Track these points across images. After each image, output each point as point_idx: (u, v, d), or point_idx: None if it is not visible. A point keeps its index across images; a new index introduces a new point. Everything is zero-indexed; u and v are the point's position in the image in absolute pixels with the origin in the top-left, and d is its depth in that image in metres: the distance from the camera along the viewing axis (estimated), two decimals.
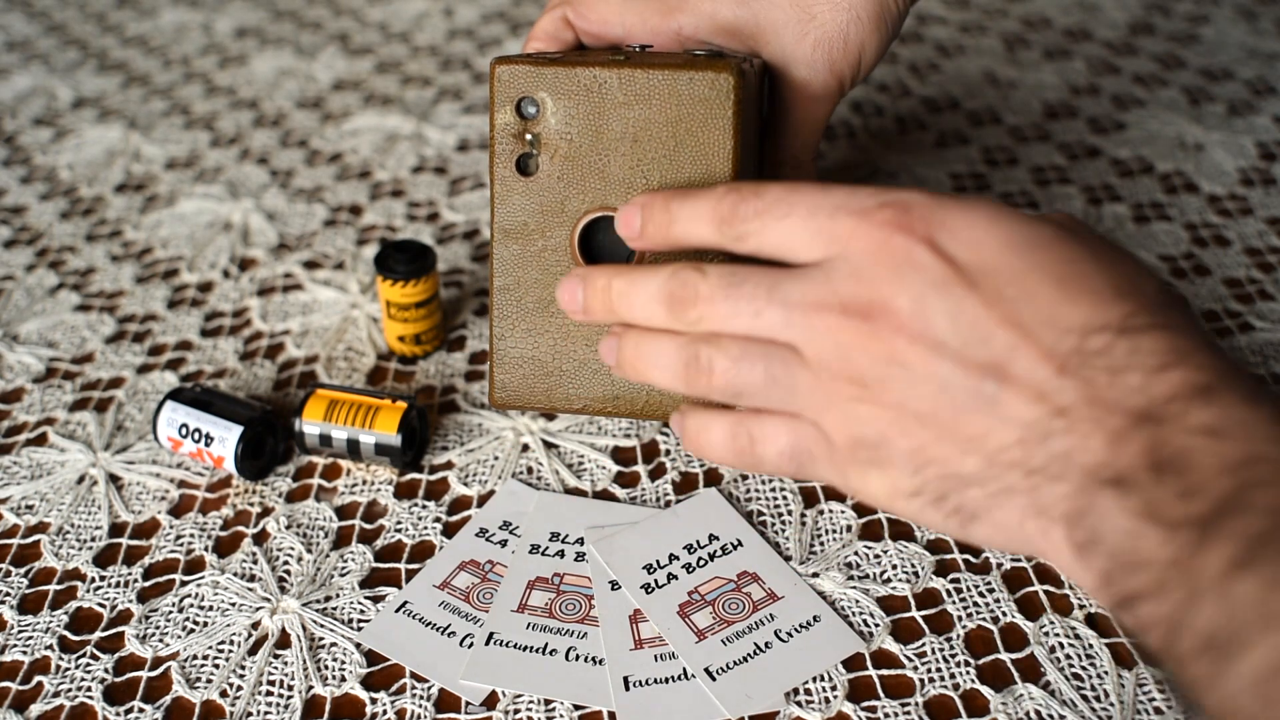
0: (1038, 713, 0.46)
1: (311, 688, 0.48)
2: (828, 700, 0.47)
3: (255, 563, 0.54)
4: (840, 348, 0.39)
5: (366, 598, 0.52)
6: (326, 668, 0.49)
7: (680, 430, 0.45)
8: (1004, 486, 0.38)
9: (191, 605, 0.52)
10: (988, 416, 0.38)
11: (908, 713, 0.46)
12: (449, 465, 0.58)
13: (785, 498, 0.55)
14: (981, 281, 0.38)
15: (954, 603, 0.50)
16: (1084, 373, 0.37)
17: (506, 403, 0.53)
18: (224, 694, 0.48)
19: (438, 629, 0.50)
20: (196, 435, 0.57)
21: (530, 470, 0.58)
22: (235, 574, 0.53)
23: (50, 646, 0.51)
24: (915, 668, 0.48)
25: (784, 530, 0.54)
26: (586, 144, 0.50)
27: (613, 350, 0.45)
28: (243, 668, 0.49)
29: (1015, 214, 0.39)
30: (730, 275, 0.42)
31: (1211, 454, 0.34)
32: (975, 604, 0.50)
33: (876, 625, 0.49)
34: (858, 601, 0.50)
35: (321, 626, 0.51)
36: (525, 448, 0.59)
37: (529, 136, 0.50)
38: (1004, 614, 0.50)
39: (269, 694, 0.48)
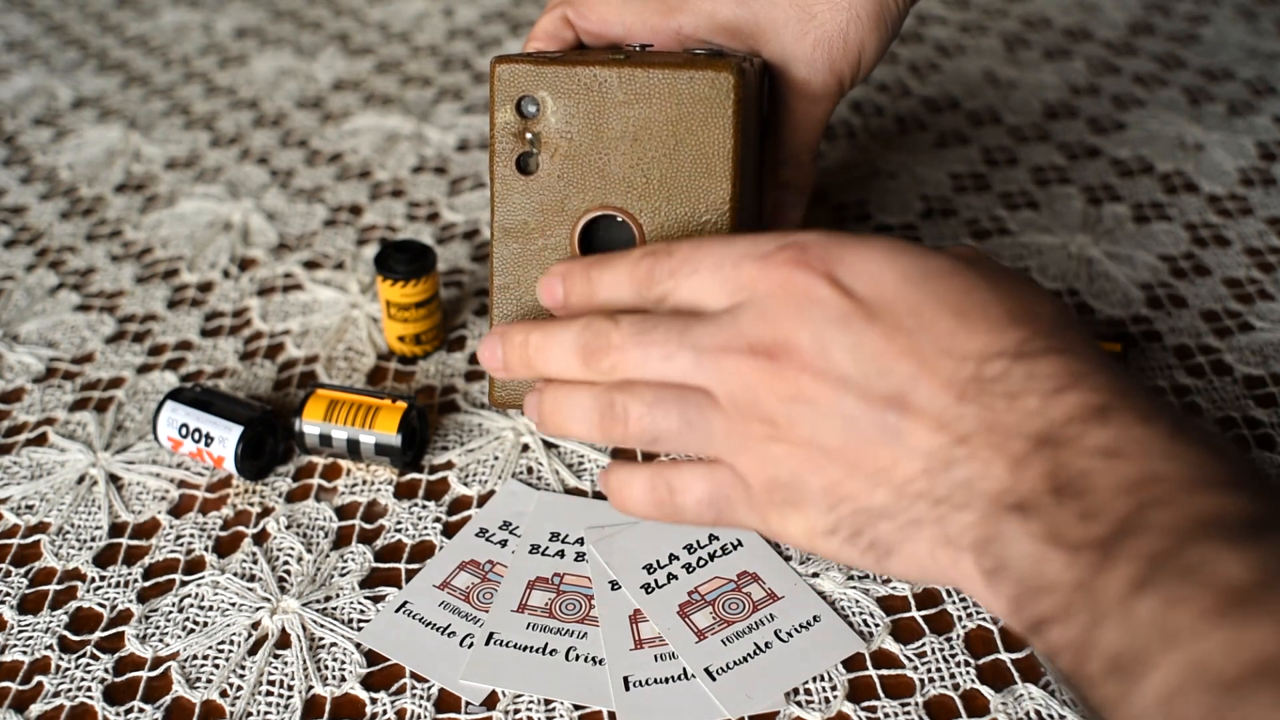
0: (1038, 713, 0.46)
1: (311, 688, 0.49)
2: (828, 700, 0.47)
3: (255, 563, 0.54)
4: (749, 388, 0.40)
5: (366, 598, 0.52)
6: (326, 668, 0.49)
7: (604, 487, 0.46)
8: (913, 518, 0.38)
9: (191, 605, 0.52)
10: (893, 447, 0.38)
11: (908, 713, 0.46)
12: (449, 465, 0.58)
13: None
14: (880, 314, 0.38)
15: (954, 602, 0.50)
16: (983, 399, 0.37)
17: (506, 402, 0.53)
18: (224, 694, 0.48)
19: (438, 629, 0.50)
20: (196, 435, 0.57)
21: (530, 470, 0.58)
22: (235, 574, 0.53)
23: (50, 646, 0.51)
24: (915, 668, 0.48)
25: None
26: (586, 143, 0.50)
27: (534, 407, 0.46)
28: (243, 668, 0.49)
29: (913, 248, 0.40)
30: (641, 323, 0.42)
31: (1109, 474, 0.35)
32: (975, 604, 0.50)
33: (876, 625, 0.50)
34: (858, 601, 0.50)
35: (321, 626, 0.51)
36: (525, 448, 0.59)
37: (529, 135, 0.50)
38: None
39: (269, 694, 0.48)
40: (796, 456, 0.40)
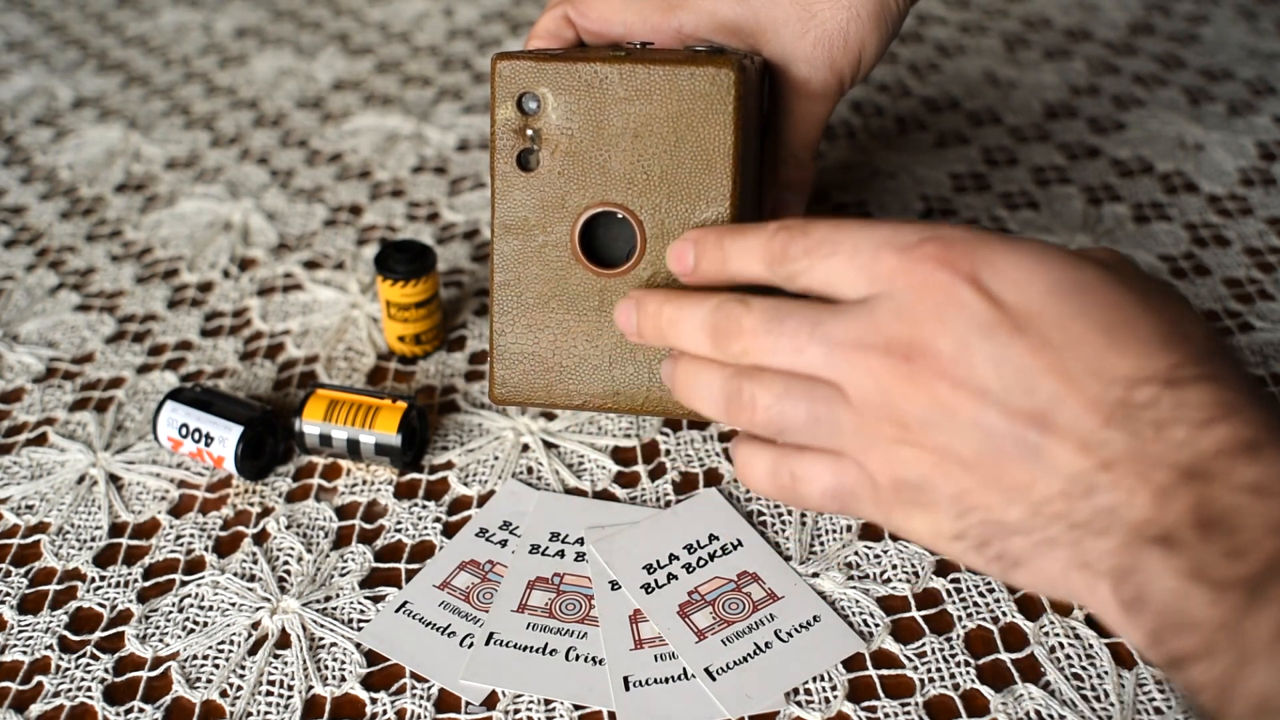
0: (1038, 713, 0.46)
1: (311, 688, 0.48)
2: (828, 700, 0.47)
3: (255, 563, 0.54)
4: (883, 389, 0.39)
5: (366, 598, 0.52)
6: (326, 668, 0.49)
7: (733, 456, 0.45)
8: (1048, 537, 0.37)
9: (191, 605, 0.52)
10: (1032, 466, 0.37)
11: (908, 713, 0.46)
12: (449, 465, 0.58)
13: None
14: (1027, 326, 0.37)
15: (954, 603, 0.50)
16: (1130, 425, 0.36)
17: (506, 399, 0.53)
18: (224, 694, 0.48)
19: (438, 629, 0.50)
20: (196, 435, 0.57)
21: (530, 470, 0.58)
22: (235, 574, 0.53)
23: (50, 646, 0.51)
24: (915, 668, 0.48)
25: (784, 530, 0.54)
26: (587, 139, 0.50)
27: (669, 375, 0.46)
28: (243, 668, 0.49)
29: (1062, 255, 0.39)
30: (774, 310, 0.41)
31: (1258, 513, 0.34)
32: (975, 604, 0.50)
33: (876, 625, 0.50)
34: (858, 601, 0.50)
35: (321, 626, 0.51)
36: (525, 448, 0.59)
37: (530, 132, 0.50)
38: (1004, 614, 0.50)
39: (269, 694, 0.48)
40: (928, 462, 0.39)
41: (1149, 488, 0.35)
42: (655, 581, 0.51)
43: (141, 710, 0.48)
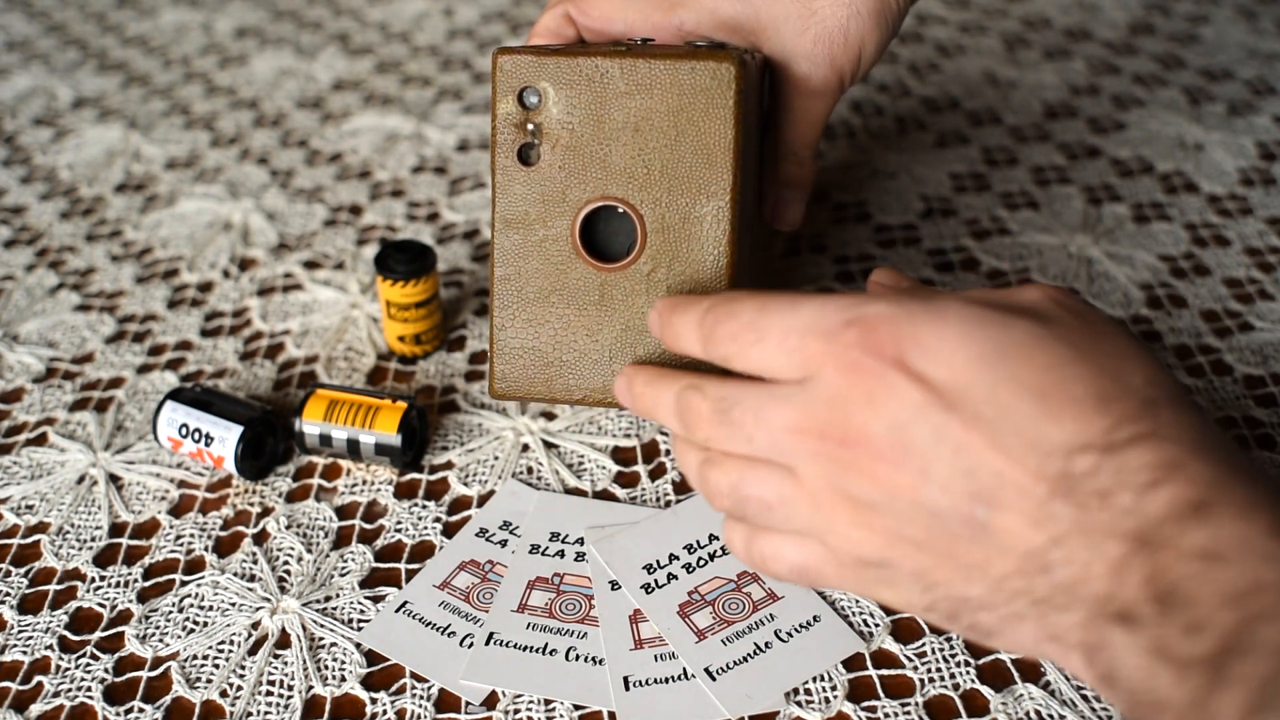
0: (1038, 713, 0.46)
1: (311, 688, 0.49)
2: (828, 700, 0.47)
3: (255, 563, 0.54)
4: (829, 473, 0.39)
5: (366, 598, 0.52)
6: (326, 668, 0.49)
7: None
8: (1014, 612, 0.37)
9: (191, 605, 0.52)
10: (984, 545, 0.37)
11: (908, 713, 0.46)
12: (449, 465, 0.58)
13: None
14: (959, 402, 0.37)
15: None
16: (1074, 497, 0.35)
17: (506, 393, 0.53)
18: (224, 694, 0.48)
19: (438, 629, 0.50)
20: (196, 435, 0.57)
21: (530, 470, 0.58)
22: (235, 574, 0.53)
23: (50, 646, 0.51)
24: (915, 668, 0.48)
25: None
26: (588, 134, 0.50)
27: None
28: (243, 668, 0.49)
29: (989, 317, 0.38)
30: (720, 400, 0.42)
31: (1211, 582, 0.33)
32: None
33: (876, 625, 0.50)
34: (858, 601, 0.50)
35: (321, 626, 0.51)
36: (525, 448, 0.59)
37: (530, 126, 0.50)
38: None
39: (269, 694, 0.48)
40: (883, 542, 0.39)
41: (1104, 560, 0.35)
42: (655, 581, 0.52)
43: (141, 710, 0.48)
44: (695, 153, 0.49)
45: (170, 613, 0.52)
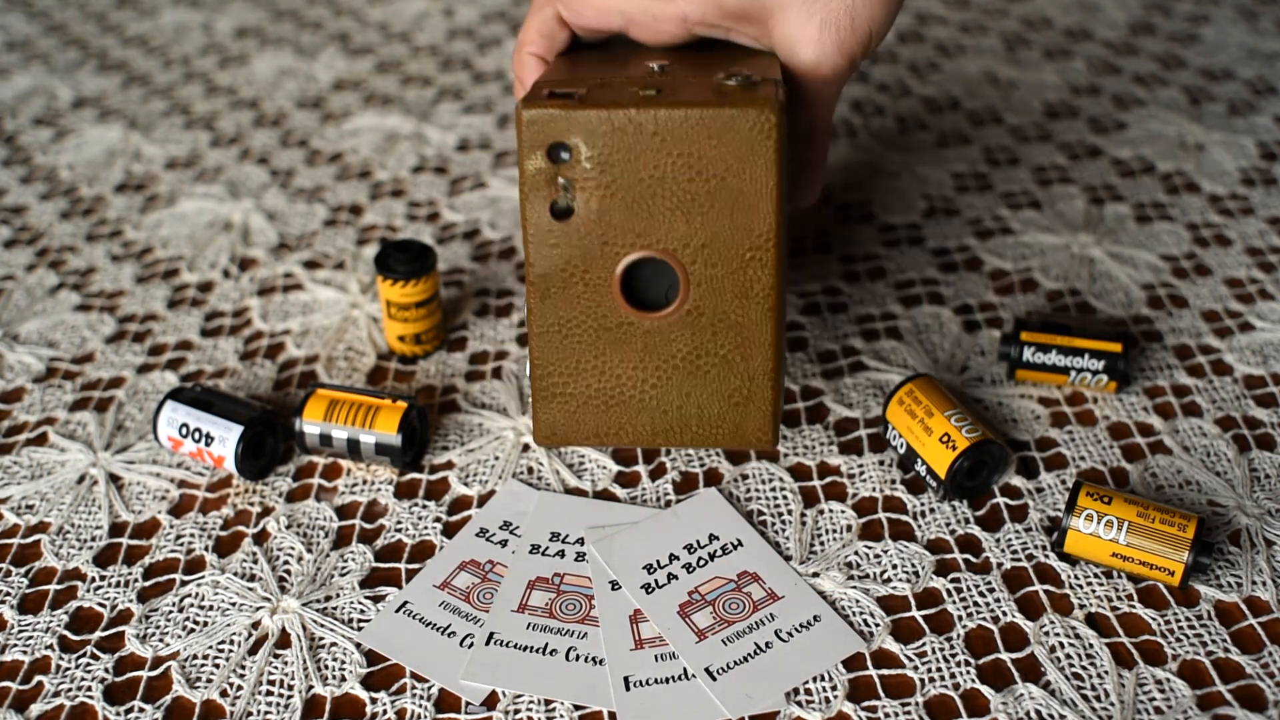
0: (1038, 713, 0.46)
1: (311, 688, 0.48)
2: (828, 700, 0.47)
3: (255, 562, 0.54)
4: None
5: (366, 598, 0.52)
6: (326, 668, 0.49)
7: None
8: None
9: (191, 605, 0.52)
10: None
11: (908, 713, 0.46)
12: (449, 465, 0.58)
13: (785, 497, 0.55)
14: None
15: (954, 602, 0.50)
16: None
17: (551, 440, 0.52)
18: (224, 694, 0.48)
19: (438, 629, 0.50)
20: (197, 435, 0.57)
21: (530, 470, 0.58)
22: (235, 574, 0.53)
23: (50, 646, 0.51)
24: (915, 668, 0.48)
25: (784, 530, 0.54)
26: (624, 185, 0.48)
27: None
28: (243, 667, 0.49)
29: None
30: None
31: None
32: (975, 604, 0.50)
33: (876, 625, 0.49)
34: (858, 601, 0.50)
35: (321, 626, 0.51)
36: (525, 448, 0.59)
37: (562, 181, 0.48)
38: (1004, 614, 0.50)
39: (269, 694, 0.48)
40: None
41: None
42: (655, 581, 0.51)
43: (141, 710, 0.48)
44: (736, 200, 0.48)
45: (170, 612, 0.52)
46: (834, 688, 0.47)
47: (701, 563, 0.52)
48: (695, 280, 0.49)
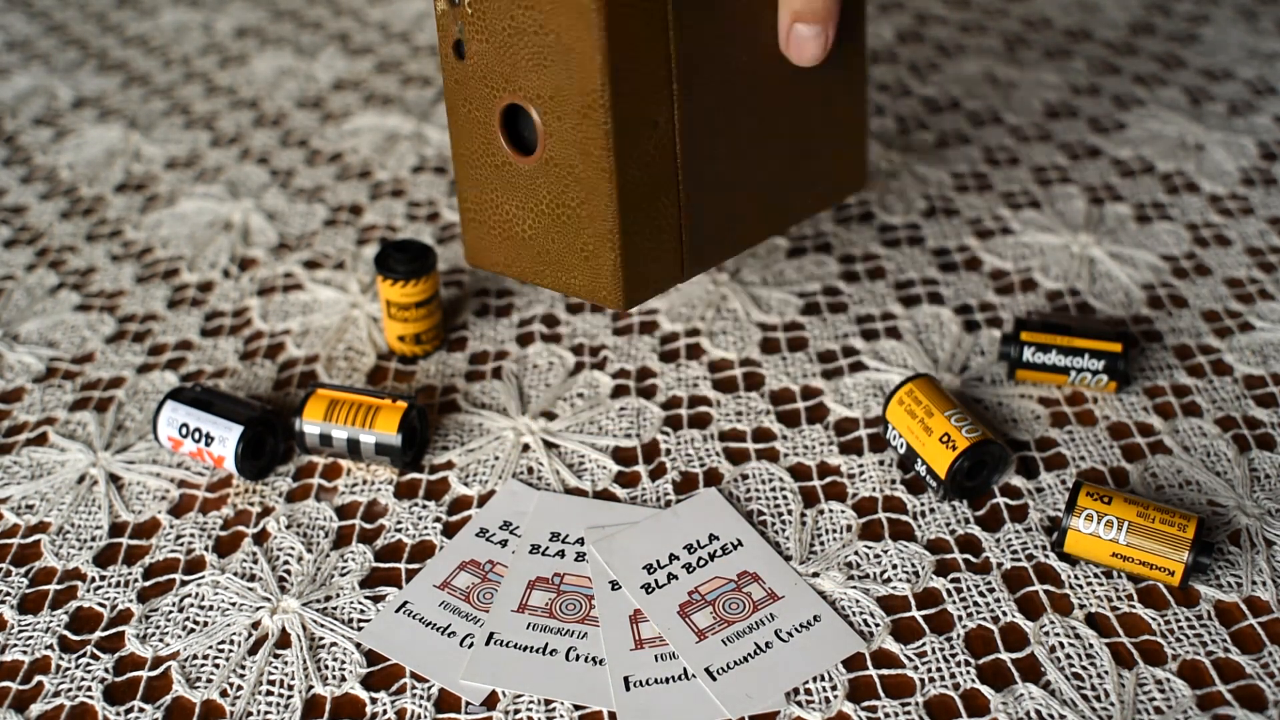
0: (1038, 713, 0.46)
1: (311, 687, 0.48)
2: (828, 700, 0.47)
3: (255, 562, 0.54)
4: None
5: (366, 598, 0.52)
6: (326, 668, 0.49)
7: None
8: None
9: (191, 605, 0.52)
10: None
11: (908, 713, 0.46)
12: (449, 465, 0.58)
13: (785, 497, 0.55)
14: None
15: (954, 603, 0.50)
16: None
17: (476, 262, 0.57)
18: (224, 694, 0.48)
19: (438, 629, 0.50)
20: (197, 435, 0.57)
21: (530, 470, 0.58)
22: (235, 574, 0.53)
23: (50, 646, 0.51)
24: (915, 667, 0.48)
25: (784, 530, 0.54)
26: (493, 31, 0.51)
27: None
28: (243, 667, 0.49)
29: None
30: None
31: None
32: (975, 604, 0.50)
33: (877, 625, 0.49)
34: (858, 601, 0.50)
35: (321, 626, 0.51)
36: (525, 448, 0.59)
37: (459, 25, 0.52)
38: (1004, 614, 0.50)
39: (269, 694, 0.48)
40: None
41: None
42: (655, 581, 0.51)
43: (141, 710, 0.48)
44: (570, 56, 0.50)
45: (170, 612, 0.52)
46: (834, 688, 0.47)
47: (701, 563, 0.52)
48: (548, 130, 0.51)
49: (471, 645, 0.50)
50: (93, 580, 0.54)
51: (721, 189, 0.57)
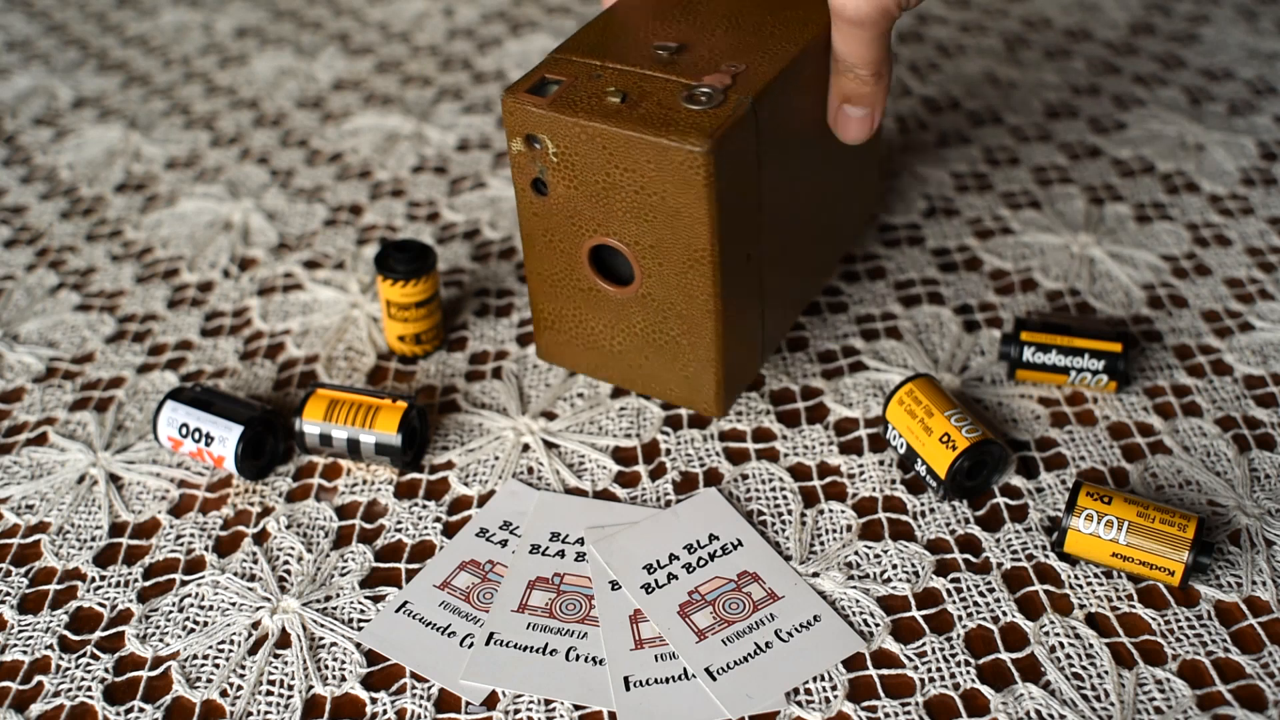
0: (1038, 713, 0.46)
1: (311, 687, 0.48)
2: (828, 700, 0.47)
3: (255, 562, 0.54)
4: None
5: (366, 598, 0.52)
6: (326, 668, 0.49)
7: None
8: None
9: (191, 605, 0.52)
10: None
11: (908, 713, 0.46)
12: (449, 465, 0.58)
13: (785, 497, 0.55)
14: None
15: (954, 602, 0.50)
16: None
17: (549, 359, 0.59)
18: (224, 694, 0.48)
19: (438, 629, 0.50)
20: (197, 435, 0.57)
21: (530, 470, 0.58)
22: (235, 574, 0.53)
23: (50, 646, 0.51)
24: (915, 667, 0.48)
25: (784, 530, 0.54)
26: (584, 181, 0.51)
27: None
28: (243, 667, 0.49)
29: None
30: None
31: None
32: (975, 604, 0.50)
33: (877, 625, 0.49)
34: (858, 601, 0.50)
35: (321, 626, 0.51)
36: (525, 447, 0.59)
37: (539, 165, 0.52)
38: (1004, 614, 0.50)
39: (269, 694, 0.48)
40: None
41: None
42: (655, 581, 0.51)
43: (141, 710, 0.48)
44: (676, 217, 0.50)
45: (170, 612, 0.52)
46: (834, 688, 0.47)
47: (701, 563, 0.52)
48: (646, 272, 0.52)
49: (471, 645, 0.50)
50: (93, 580, 0.54)
51: (788, 281, 0.59)
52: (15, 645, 0.51)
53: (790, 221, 0.57)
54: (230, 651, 0.50)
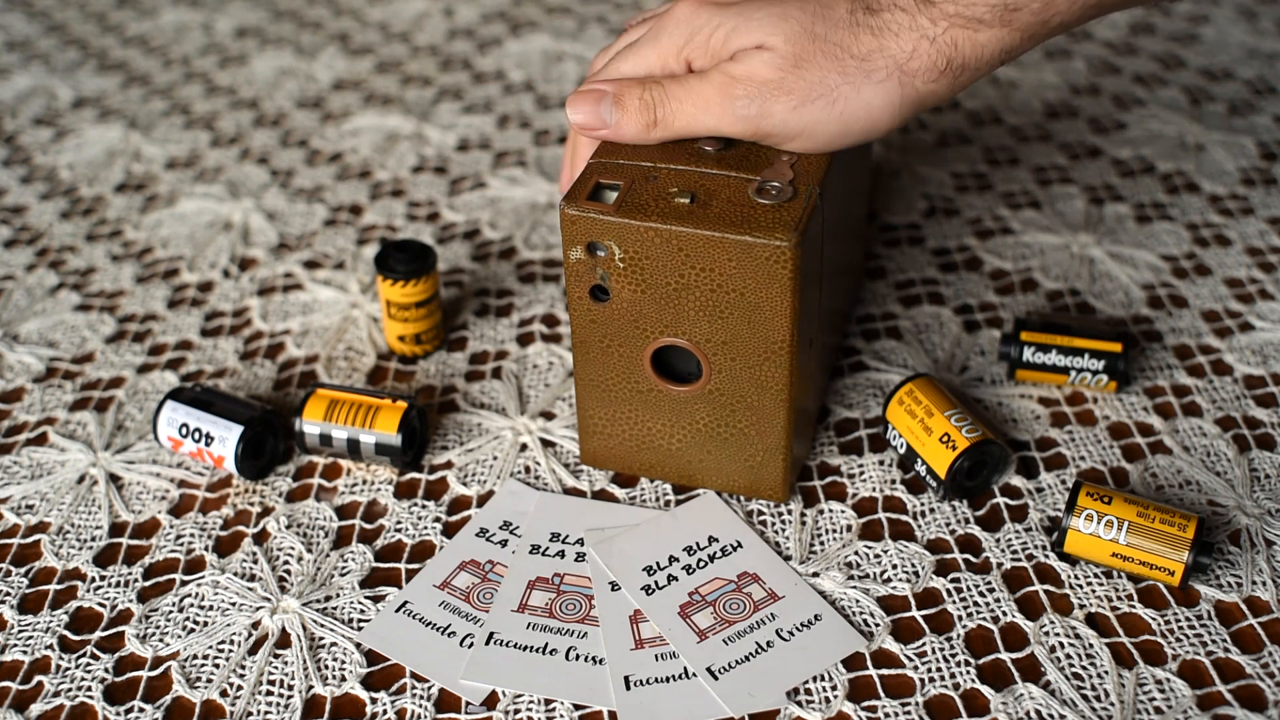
0: (1038, 713, 0.46)
1: (311, 687, 0.48)
2: (828, 700, 0.47)
3: (255, 562, 0.54)
4: None
5: (366, 598, 0.52)
6: (326, 667, 0.49)
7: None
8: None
9: (191, 605, 0.52)
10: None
11: (908, 712, 0.46)
12: (449, 465, 0.58)
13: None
14: None
15: (954, 602, 0.50)
16: None
17: (594, 463, 0.57)
18: (224, 694, 0.48)
19: (438, 629, 0.50)
20: (197, 435, 0.57)
21: (528, 470, 0.58)
22: (235, 574, 0.53)
23: (50, 646, 0.51)
24: (915, 667, 0.48)
25: (784, 530, 0.54)
26: (652, 284, 0.50)
27: None
28: (243, 667, 0.49)
29: None
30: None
31: None
32: (975, 604, 0.50)
33: (877, 625, 0.49)
34: (858, 601, 0.50)
35: (321, 626, 0.51)
36: (524, 447, 0.59)
37: (600, 272, 0.51)
38: (1004, 614, 0.50)
39: (269, 694, 0.48)
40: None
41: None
42: (655, 583, 0.51)
43: (141, 710, 0.48)
44: (755, 312, 0.50)
45: (170, 612, 0.52)
46: (834, 687, 0.47)
47: (701, 564, 0.52)
48: (716, 369, 0.52)
49: (471, 645, 0.49)
50: (93, 580, 0.54)
51: (828, 356, 0.60)
52: (15, 645, 0.51)
53: (830, 298, 0.57)
54: (230, 651, 0.50)
